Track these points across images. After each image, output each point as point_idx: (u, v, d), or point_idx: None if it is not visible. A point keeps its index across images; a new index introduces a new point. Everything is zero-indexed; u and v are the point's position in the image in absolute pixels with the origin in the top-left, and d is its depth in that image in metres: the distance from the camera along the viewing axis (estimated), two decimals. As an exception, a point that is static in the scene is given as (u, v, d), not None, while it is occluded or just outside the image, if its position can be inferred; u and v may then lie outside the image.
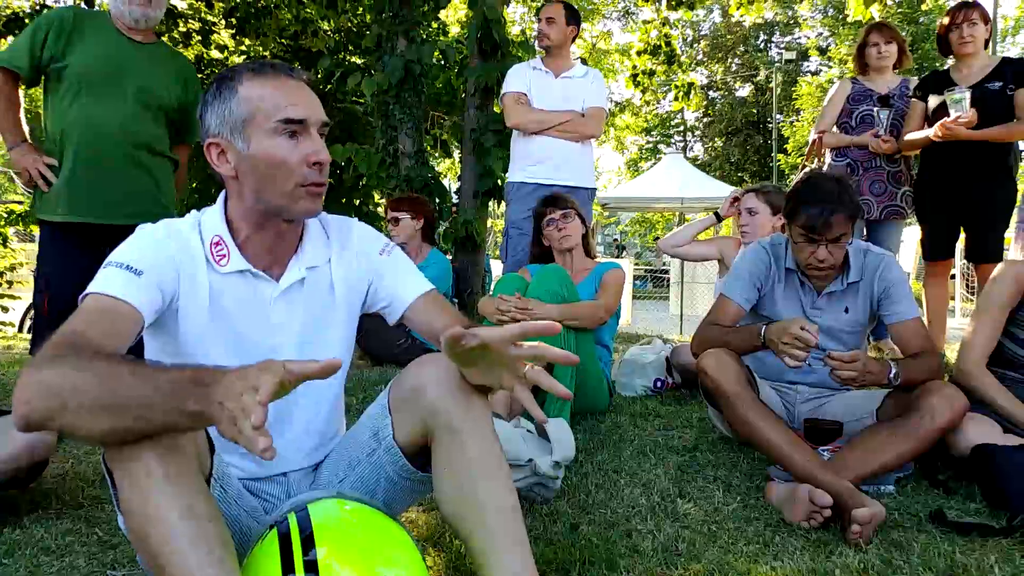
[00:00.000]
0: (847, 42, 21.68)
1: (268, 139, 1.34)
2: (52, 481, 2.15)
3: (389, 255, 1.59)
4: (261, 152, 1.34)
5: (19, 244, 10.29)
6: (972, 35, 3.63)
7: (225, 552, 1.10)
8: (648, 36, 8.55)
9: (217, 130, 1.36)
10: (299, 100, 1.36)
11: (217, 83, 1.38)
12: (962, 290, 10.92)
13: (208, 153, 1.38)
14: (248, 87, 1.35)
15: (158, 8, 2.93)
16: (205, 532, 1.09)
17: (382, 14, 5.56)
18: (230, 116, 1.35)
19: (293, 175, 1.35)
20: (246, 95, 1.34)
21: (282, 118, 1.33)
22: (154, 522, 1.08)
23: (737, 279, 2.50)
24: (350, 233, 1.58)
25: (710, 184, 17.02)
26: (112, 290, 1.27)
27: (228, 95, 1.35)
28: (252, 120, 1.34)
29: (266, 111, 1.34)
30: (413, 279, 1.59)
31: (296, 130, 1.35)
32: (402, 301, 1.56)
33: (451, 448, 1.32)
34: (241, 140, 1.35)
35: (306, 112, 1.36)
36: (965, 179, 3.65)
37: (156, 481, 1.08)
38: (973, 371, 2.39)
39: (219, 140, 1.37)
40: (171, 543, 1.07)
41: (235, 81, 1.36)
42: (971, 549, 1.76)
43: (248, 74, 1.36)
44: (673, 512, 2.00)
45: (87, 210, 2.83)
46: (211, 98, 1.38)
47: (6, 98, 2.86)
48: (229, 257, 1.41)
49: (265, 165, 1.35)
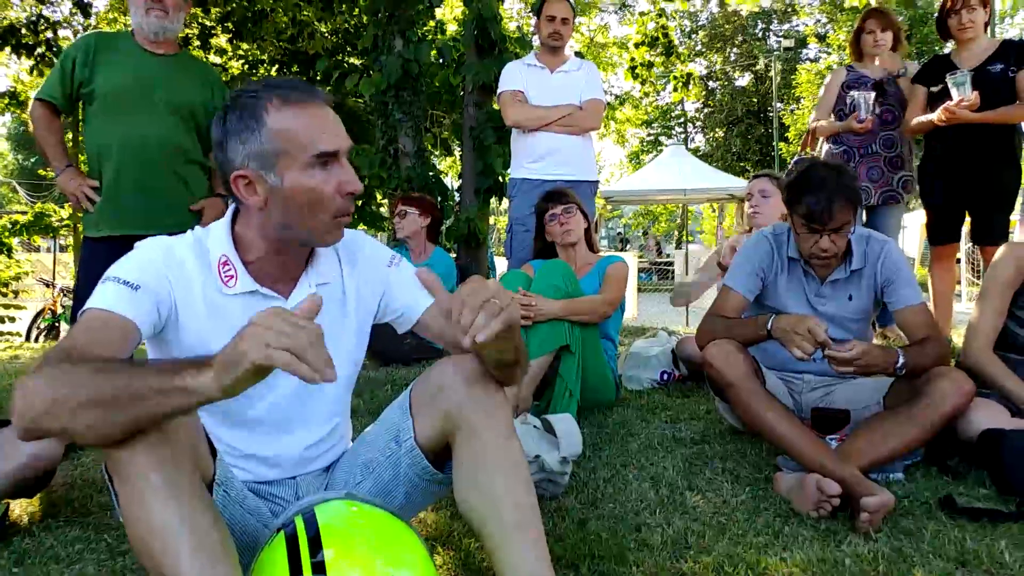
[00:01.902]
0: (845, 28, 21.60)
1: (301, 172, 1.31)
2: (60, 489, 2.16)
3: (397, 266, 1.59)
4: (295, 186, 1.31)
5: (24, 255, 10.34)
6: (971, 20, 3.61)
7: (226, 559, 1.11)
8: (645, 28, 8.54)
9: (244, 163, 1.32)
10: (329, 129, 1.33)
11: (239, 109, 1.33)
12: (968, 274, 10.90)
13: (235, 185, 1.34)
14: (277, 118, 1.30)
15: (176, 20, 3.00)
16: (206, 540, 1.09)
17: (378, 14, 5.55)
18: (259, 149, 1.30)
19: (328, 208, 1.33)
20: (276, 128, 1.30)
21: (316, 153, 1.31)
22: (154, 530, 1.08)
23: (740, 270, 2.49)
24: (360, 248, 1.57)
25: (712, 175, 16.98)
26: (107, 304, 1.27)
27: (255, 126, 1.30)
28: (284, 155, 1.30)
29: (299, 144, 1.30)
30: (422, 288, 1.58)
31: (328, 160, 1.33)
32: (415, 310, 1.57)
33: (471, 447, 1.34)
34: (273, 174, 1.31)
35: (338, 143, 1.34)
36: (970, 162, 3.64)
37: (155, 490, 1.09)
38: (979, 355, 2.38)
39: (247, 173, 1.32)
40: (172, 552, 1.07)
41: (260, 109, 1.31)
42: (981, 535, 1.75)
43: (275, 102, 1.31)
44: (682, 505, 2.00)
45: (129, 223, 2.90)
46: (232, 126, 1.33)
47: (49, 128, 3.00)
48: (237, 278, 1.39)
49: (300, 198, 1.32)
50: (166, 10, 2.92)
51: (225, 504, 1.32)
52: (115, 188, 2.91)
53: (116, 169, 2.91)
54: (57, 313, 8.82)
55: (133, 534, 1.11)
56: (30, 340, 8.39)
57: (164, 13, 2.93)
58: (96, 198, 2.92)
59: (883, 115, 3.97)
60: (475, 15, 5.29)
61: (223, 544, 1.12)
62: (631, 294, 9.54)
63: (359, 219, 8.20)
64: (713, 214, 25.72)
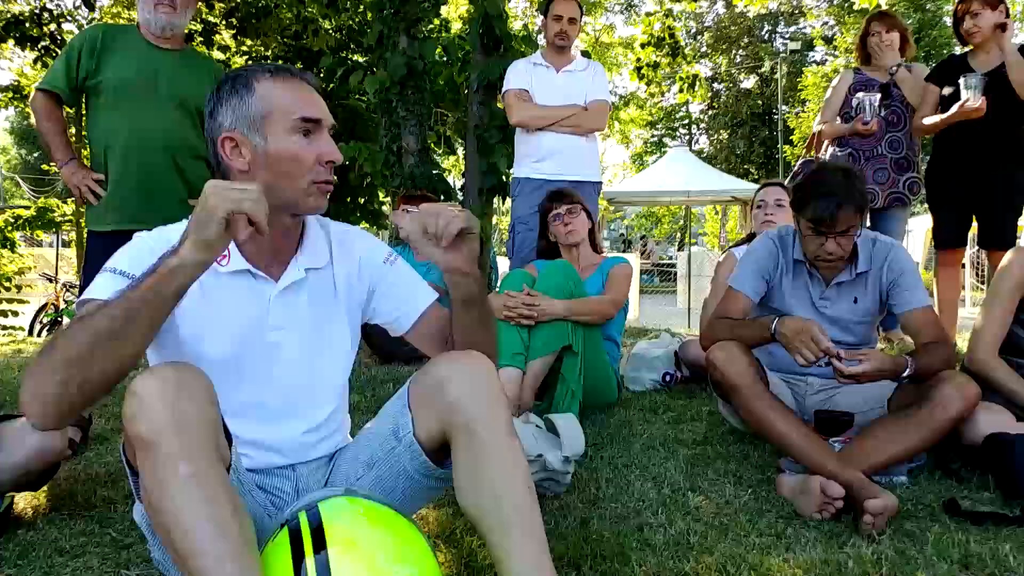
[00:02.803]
0: (852, 31, 21.56)
1: (285, 137, 1.39)
2: (65, 483, 2.16)
3: (393, 264, 1.61)
4: (279, 148, 1.39)
5: (27, 249, 10.35)
6: (977, 25, 3.62)
7: (247, 547, 1.12)
8: (651, 28, 8.54)
9: (233, 125, 1.40)
10: (314, 101, 1.43)
11: (231, 80, 1.43)
12: (972, 279, 10.88)
13: (221, 146, 1.41)
14: (266, 87, 1.40)
15: (183, 16, 3.00)
16: (227, 527, 1.10)
17: (383, 11, 5.54)
18: (247, 112, 1.39)
19: (307, 172, 1.40)
20: (263, 93, 1.40)
21: (300, 116, 1.39)
22: (177, 515, 1.09)
23: (745, 271, 2.48)
24: (353, 239, 1.61)
25: (716, 177, 16.93)
26: (103, 295, 1.28)
27: (244, 92, 1.40)
28: (270, 117, 1.39)
29: (284, 109, 1.39)
30: (417, 294, 1.61)
31: (311, 129, 1.40)
32: (411, 312, 1.59)
33: (471, 443, 1.34)
34: (259, 136, 1.39)
35: (321, 113, 1.42)
36: (979, 166, 3.63)
37: (181, 479, 1.10)
38: (985, 359, 2.38)
39: (234, 135, 1.40)
40: (193, 538, 1.08)
41: (252, 79, 1.41)
42: (985, 539, 1.75)
43: (264, 74, 1.42)
44: (684, 505, 1.99)
45: (134, 217, 2.88)
46: (225, 94, 1.42)
47: (52, 118, 2.98)
48: (229, 256, 1.43)
49: (282, 161, 1.39)
50: (174, 6, 2.92)
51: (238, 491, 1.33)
52: (120, 182, 2.91)
53: (121, 163, 2.90)
54: (60, 308, 8.84)
55: (157, 521, 1.12)
56: (33, 335, 8.40)
57: (172, 9, 2.93)
58: (101, 191, 2.92)
59: (888, 117, 3.97)
60: (481, 13, 5.28)
61: (244, 531, 1.13)
62: (633, 296, 9.53)
63: (361, 217, 8.19)
64: (716, 216, 25.70)
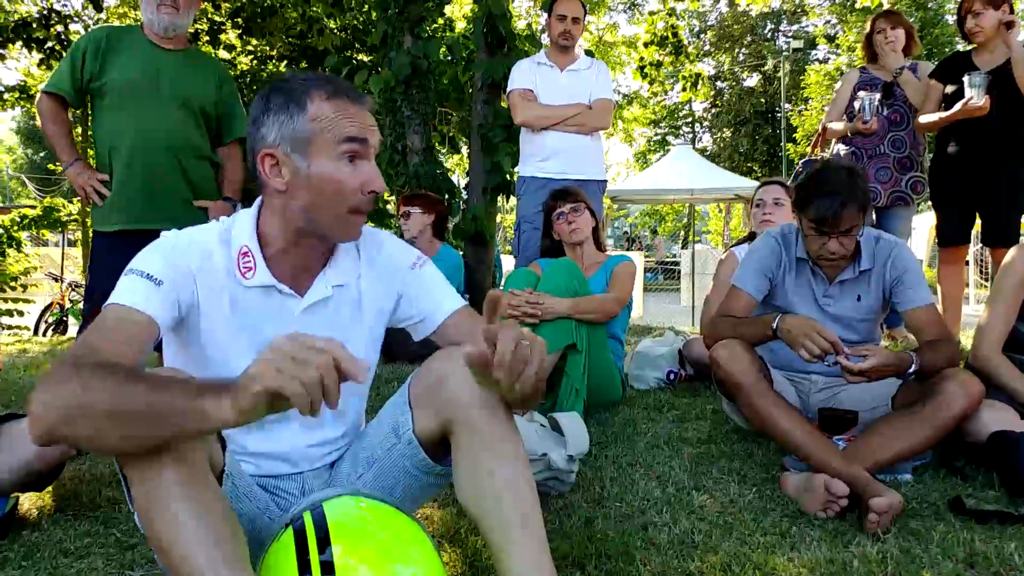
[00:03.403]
0: (855, 29, 21.52)
1: (329, 161, 1.33)
2: (70, 483, 2.17)
3: (420, 268, 1.58)
4: (321, 173, 1.33)
5: (33, 248, 10.38)
6: (979, 25, 3.62)
7: (238, 552, 1.11)
8: (655, 27, 8.53)
9: (276, 141, 1.34)
10: (361, 120, 1.36)
11: (284, 92, 1.35)
12: (976, 276, 10.85)
13: (261, 162, 1.36)
14: (318, 107, 1.33)
15: (186, 16, 3.02)
16: (218, 533, 1.09)
17: (387, 11, 5.54)
18: (294, 131, 1.33)
19: (348, 200, 1.35)
20: (316, 114, 1.33)
21: (344, 137, 1.33)
22: (167, 523, 1.08)
23: (748, 269, 2.48)
24: (380, 248, 1.57)
25: (719, 175, 16.92)
26: (130, 300, 1.27)
27: (296, 110, 1.33)
28: (316, 139, 1.33)
29: (331, 131, 1.33)
30: (447, 294, 1.58)
31: (356, 153, 1.35)
32: (436, 317, 1.56)
33: (471, 441, 1.32)
34: (302, 158, 1.34)
35: (366, 133, 1.36)
36: (982, 163, 3.63)
37: (169, 482, 1.09)
38: (989, 357, 2.38)
39: (276, 152, 1.35)
40: (184, 544, 1.07)
41: (306, 96, 1.34)
42: (990, 537, 1.74)
43: (321, 93, 1.34)
44: (689, 504, 1.99)
45: (139, 217, 2.91)
46: (275, 107, 1.35)
47: (57, 120, 3.01)
48: (255, 270, 1.40)
49: (323, 186, 1.34)
50: (177, 7, 2.95)
51: (233, 496, 1.33)
52: (125, 182, 2.92)
53: (126, 163, 2.92)
54: (65, 307, 8.86)
55: (146, 525, 1.11)
56: (38, 334, 8.43)
57: (175, 10, 2.95)
58: (106, 192, 2.93)
59: (891, 116, 3.97)
60: (485, 12, 5.28)
61: (235, 536, 1.12)
62: (637, 294, 9.52)
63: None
64: (719, 214, 25.65)
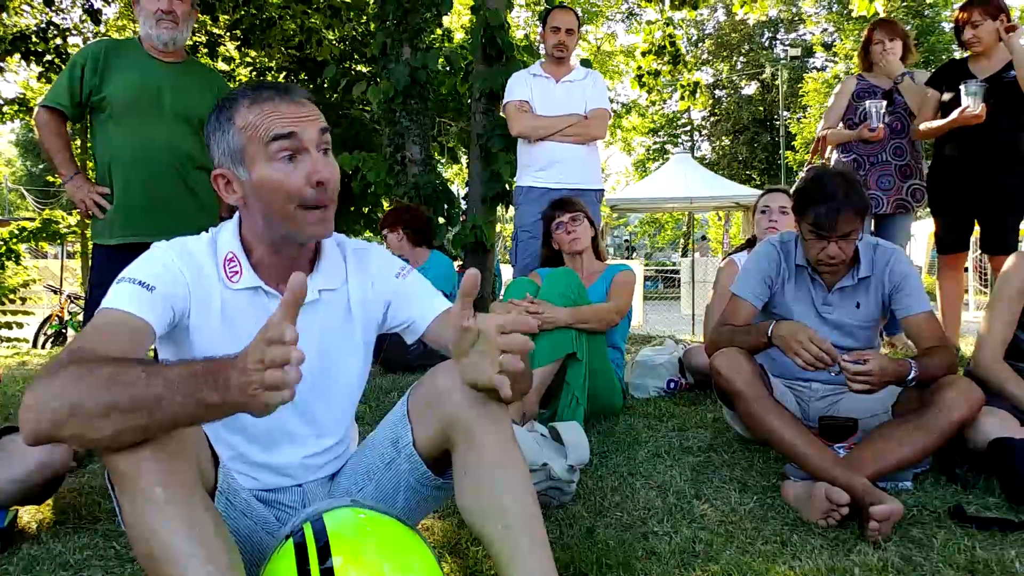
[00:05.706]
0: (852, 37, 21.61)
1: (266, 165, 1.33)
2: (69, 496, 2.16)
3: (405, 277, 1.59)
4: (261, 178, 1.34)
5: (32, 260, 10.38)
6: (976, 35, 3.64)
7: (231, 566, 1.10)
8: (652, 37, 8.56)
9: (220, 161, 1.38)
10: (286, 115, 1.34)
11: (217, 113, 1.38)
12: (975, 283, 10.86)
13: (216, 184, 1.39)
14: (242, 116, 1.34)
15: (185, 30, 3.04)
16: (209, 548, 1.08)
17: (386, 22, 5.57)
18: (229, 147, 1.35)
19: (294, 198, 1.33)
20: (242, 124, 1.34)
21: (270, 138, 1.32)
22: (157, 540, 1.07)
23: (748, 277, 2.49)
24: (368, 258, 1.58)
25: (718, 183, 16.95)
26: (122, 305, 1.28)
27: (227, 125, 1.36)
28: (248, 148, 1.34)
29: (258, 137, 1.33)
30: (432, 299, 1.59)
31: (292, 151, 1.33)
32: (422, 320, 1.56)
33: (471, 453, 1.32)
34: (243, 169, 1.35)
35: (294, 126, 1.33)
36: (980, 170, 3.64)
37: (159, 504, 1.08)
38: (989, 364, 2.37)
39: (224, 171, 1.38)
40: (175, 561, 1.06)
41: (232, 110, 1.36)
42: (991, 544, 1.74)
43: (244, 102, 1.35)
44: (689, 513, 1.99)
45: (139, 230, 2.91)
46: (212, 129, 1.38)
47: (56, 135, 3.01)
48: (241, 274, 1.42)
49: (266, 191, 1.34)
50: (176, 22, 2.96)
51: (228, 513, 1.32)
52: (125, 196, 2.93)
53: (126, 177, 2.92)
54: (64, 319, 8.85)
55: (138, 549, 1.10)
56: (37, 346, 8.42)
57: (174, 24, 2.96)
58: (106, 205, 2.94)
59: (892, 124, 3.98)
60: (483, 23, 5.31)
61: (227, 552, 1.11)
62: (637, 302, 9.52)
63: (364, 226, 8.21)
64: (719, 222, 25.70)
